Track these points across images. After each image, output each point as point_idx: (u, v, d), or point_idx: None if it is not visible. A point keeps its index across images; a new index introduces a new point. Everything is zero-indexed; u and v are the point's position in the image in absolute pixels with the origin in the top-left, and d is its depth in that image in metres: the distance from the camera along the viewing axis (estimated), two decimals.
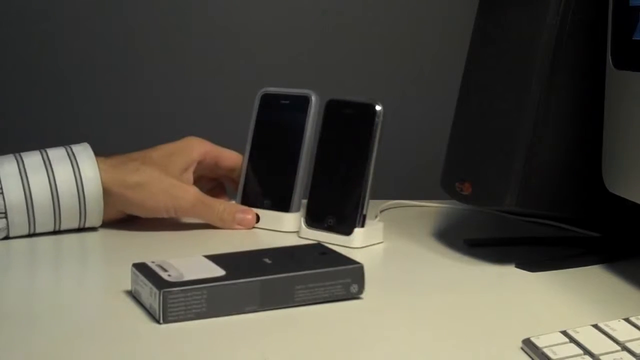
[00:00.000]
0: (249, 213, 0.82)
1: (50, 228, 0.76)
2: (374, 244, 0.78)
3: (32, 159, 0.76)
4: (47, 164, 0.75)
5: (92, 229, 0.79)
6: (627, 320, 0.50)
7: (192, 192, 0.80)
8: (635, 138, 0.61)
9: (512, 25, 0.70)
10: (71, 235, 0.77)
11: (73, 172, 0.75)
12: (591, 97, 0.68)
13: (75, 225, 0.77)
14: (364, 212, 0.76)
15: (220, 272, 0.58)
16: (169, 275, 0.57)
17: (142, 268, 0.59)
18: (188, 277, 0.57)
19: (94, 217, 0.77)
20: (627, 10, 0.62)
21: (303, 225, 0.79)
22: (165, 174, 0.79)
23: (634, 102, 0.61)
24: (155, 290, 0.55)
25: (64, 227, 0.77)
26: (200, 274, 0.58)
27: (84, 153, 0.77)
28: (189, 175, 0.83)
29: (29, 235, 0.75)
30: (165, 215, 0.80)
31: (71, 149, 0.77)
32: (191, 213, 0.81)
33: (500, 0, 0.72)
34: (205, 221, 0.81)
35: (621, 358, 0.46)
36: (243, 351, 0.51)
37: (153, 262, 0.61)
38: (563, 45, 0.67)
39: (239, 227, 0.81)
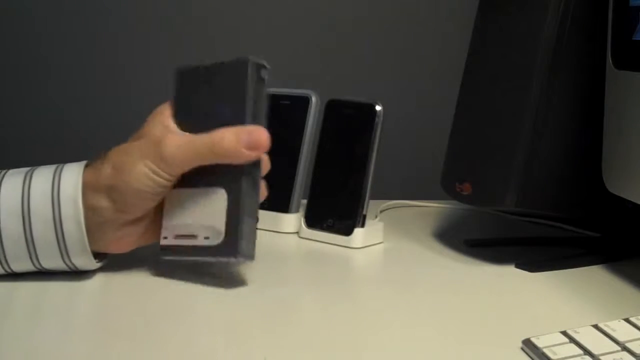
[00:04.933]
0: (257, 130, 0.61)
1: (29, 265, 0.61)
2: (374, 244, 0.78)
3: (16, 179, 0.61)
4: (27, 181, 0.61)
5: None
6: (627, 320, 0.50)
7: (170, 139, 0.61)
8: (635, 138, 0.61)
9: (512, 25, 0.70)
10: None
11: (52, 188, 0.60)
12: (591, 97, 0.68)
13: (60, 262, 0.61)
14: (364, 212, 0.76)
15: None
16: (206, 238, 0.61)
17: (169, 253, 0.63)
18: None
19: (77, 249, 0.60)
20: (627, 10, 0.62)
21: (303, 226, 0.79)
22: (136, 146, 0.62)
23: (634, 102, 0.61)
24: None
25: (45, 264, 0.61)
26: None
27: (72, 167, 0.62)
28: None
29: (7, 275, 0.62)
30: (153, 186, 0.61)
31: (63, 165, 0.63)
32: (179, 162, 0.61)
33: (500, 1, 0.72)
34: (200, 163, 0.61)
35: (621, 358, 0.46)
36: (243, 351, 0.51)
37: (165, 238, 0.63)
38: (563, 45, 0.67)
39: (250, 152, 0.61)
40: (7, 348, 0.50)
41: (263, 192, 0.65)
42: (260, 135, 0.61)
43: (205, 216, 0.63)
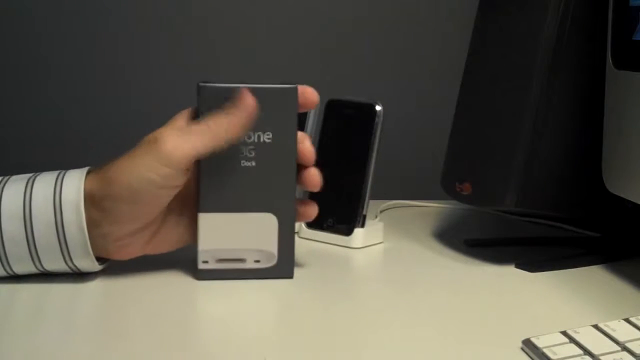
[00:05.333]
0: (244, 99, 0.62)
1: (31, 267, 0.61)
2: (374, 244, 0.78)
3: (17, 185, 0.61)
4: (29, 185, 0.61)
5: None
6: (627, 320, 0.50)
7: (165, 131, 0.60)
8: (635, 138, 0.61)
9: (512, 25, 0.70)
10: None
11: (53, 194, 0.60)
12: (591, 97, 0.68)
13: (62, 265, 0.61)
14: (364, 212, 0.76)
15: None
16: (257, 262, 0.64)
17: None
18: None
19: (80, 252, 0.60)
20: (627, 10, 0.62)
21: (303, 226, 0.79)
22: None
23: (634, 102, 0.61)
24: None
25: (47, 266, 0.61)
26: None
27: (74, 173, 0.61)
28: None
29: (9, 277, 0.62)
30: (158, 187, 0.60)
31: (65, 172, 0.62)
32: (180, 153, 0.59)
33: (500, 1, 0.72)
34: (202, 149, 0.60)
35: (621, 358, 0.46)
36: (243, 351, 0.51)
37: (206, 262, 0.64)
38: (563, 45, 0.67)
39: (241, 113, 0.61)
40: (8, 349, 0.50)
41: None
42: (246, 96, 0.62)
43: (255, 240, 0.64)
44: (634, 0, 0.62)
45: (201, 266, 0.64)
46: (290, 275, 0.65)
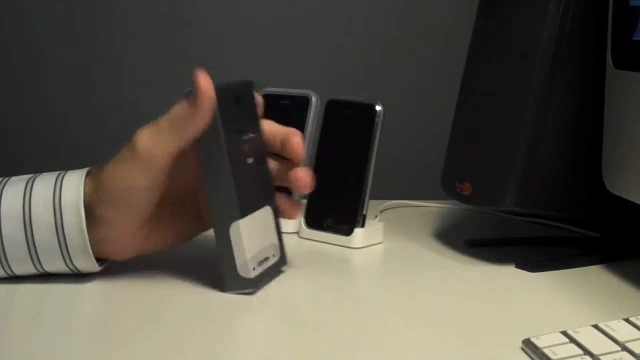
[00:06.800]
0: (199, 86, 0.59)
1: (31, 268, 0.61)
2: (374, 244, 0.78)
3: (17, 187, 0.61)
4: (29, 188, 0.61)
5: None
6: (627, 320, 0.50)
7: (141, 134, 0.59)
8: (635, 138, 0.61)
9: (512, 25, 0.70)
10: None
11: (53, 195, 0.60)
12: (591, 97, 0.68)
13: (62, 266, 0.61)
14: (364, 212, 0.76)
15: None
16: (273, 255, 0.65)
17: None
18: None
19: (80, 253, 0.60)
20: (627, 10, 0.62)
21: (303, 226, 0.79)
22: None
23: (634, 102, 0.61)
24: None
25: (47, 267, 0.61)
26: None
27: (74, 174, 0.61)
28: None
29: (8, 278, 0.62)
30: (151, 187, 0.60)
31: (65, 172, 0.62)
32: (152, 150, 0.59)
33: (500, 1, 0.72)
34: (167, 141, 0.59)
35: (621, 358, 0.46)
36: (243, 352, 0.51)
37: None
38: (563, 45, 0.67)
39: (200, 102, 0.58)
40: (8, 350, 0.50)
41: None
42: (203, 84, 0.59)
43: (268, 235, 0.65)
44: (634, 0, 0.62)
45: (252, 274, 0.61)
46: (286, 263, 0.67)
